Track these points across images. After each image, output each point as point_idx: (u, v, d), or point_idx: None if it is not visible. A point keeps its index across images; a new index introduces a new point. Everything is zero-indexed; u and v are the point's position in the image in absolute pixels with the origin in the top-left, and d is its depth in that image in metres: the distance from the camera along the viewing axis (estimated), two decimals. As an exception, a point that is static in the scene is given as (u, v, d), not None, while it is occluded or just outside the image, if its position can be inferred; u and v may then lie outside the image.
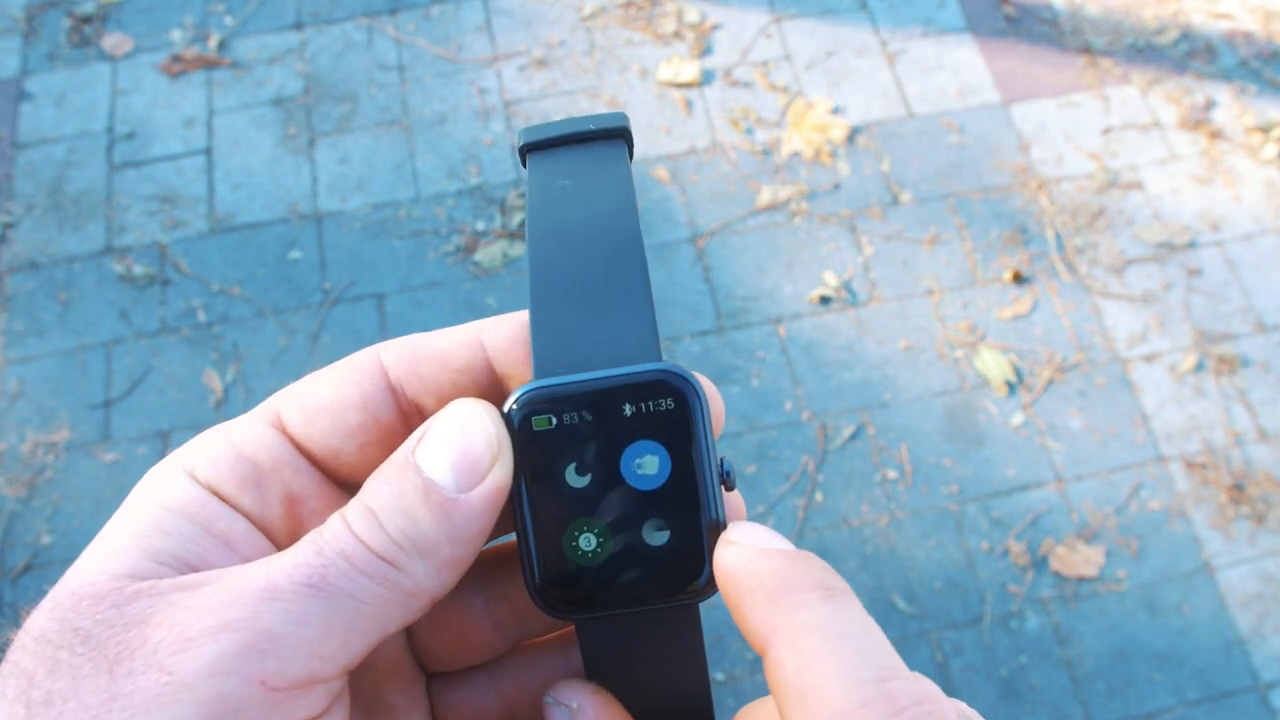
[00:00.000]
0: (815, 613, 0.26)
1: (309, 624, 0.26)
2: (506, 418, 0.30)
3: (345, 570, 0.27)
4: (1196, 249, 2.12)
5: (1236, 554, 1.83)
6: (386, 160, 2.22)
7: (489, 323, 0.32)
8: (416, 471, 0.28)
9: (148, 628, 0.26)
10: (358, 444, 0.31)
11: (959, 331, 2.03)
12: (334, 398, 0.31)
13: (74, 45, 2.38)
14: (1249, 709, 1.71)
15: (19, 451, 1.93)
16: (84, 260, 2.12)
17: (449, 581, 0.29)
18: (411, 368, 0.32)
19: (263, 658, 0.25)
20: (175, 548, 0.28)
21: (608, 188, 0.33)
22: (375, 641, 0.28)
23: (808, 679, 0.25)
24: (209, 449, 0.30)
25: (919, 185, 2.19)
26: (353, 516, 0.28)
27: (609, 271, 0.31)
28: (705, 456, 0.30)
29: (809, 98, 2.30)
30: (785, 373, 1.98)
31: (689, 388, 0.30)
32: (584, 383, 0.30)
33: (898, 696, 0.24)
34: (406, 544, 0.27)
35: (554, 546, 0.30)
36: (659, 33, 2.39)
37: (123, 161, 2.23)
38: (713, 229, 2.13)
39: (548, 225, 0.32)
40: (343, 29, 2.40)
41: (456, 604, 0.34)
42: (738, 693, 1.72)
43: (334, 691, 0.27)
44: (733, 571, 0.28)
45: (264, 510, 0.30)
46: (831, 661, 0.25)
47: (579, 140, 0.34)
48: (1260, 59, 2.37)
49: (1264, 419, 1.95)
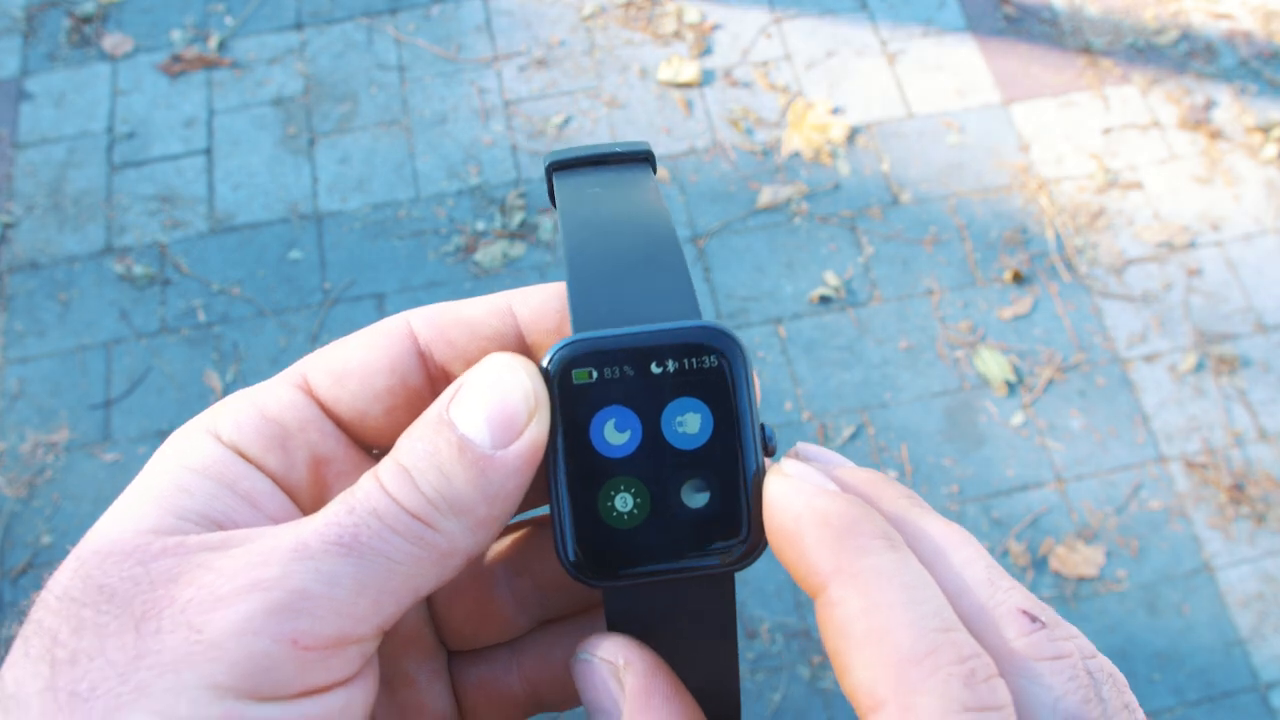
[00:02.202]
0: (881, 559, 0.26)
1: (341, 584, 0.25)
2: (544, 371, 0.29)
3: (378, 529, 0.26)
4: (1196, 249, 2.12)
5: (1236, 554, 1.83)
6: (386, 160, 2.22)
7: (520, 292, 0.32)
8: (451, 428, 0.27)
9: (176, 586, 0.25)
10: (385, 407, 0.31)
11: (959, 331, 2.03)
12: (362, 361, 0.31)
13: (74, 45, 2.38)
14: (1249, 709, 1.71)
15: (19, 451, 1.93)
16: (84, 260, 2.12)
17: (484, 541, 0.28)
18: (441, 333, 0.31)
19: (294, 617, 0.25)
20: (200, 505, 0.28)
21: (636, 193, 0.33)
22: (409, 603, 0.27)
23: (875, 621, 0.25)
24: (233, 411, 0.30)
25: (919, 185, 2.19)
26: (385, 475, 0.27)
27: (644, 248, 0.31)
28: (748, 417, 0.29)
29: (809, 98, 2.30)
30: (785, 372, 1.98)
31: (734, 346, 0.29)
32: (627, 336, 0.29)
33: (963, 646, 0.24)
34: (441, 502, 0.27)
35: (588, 507, 0.29)
36: (659, 33, 2.39)
37: (123, 161, 2.23)
38: (713, 229, 2.13)
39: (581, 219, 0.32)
40: (343, 29, 2.40)
41: (480, 579, 0.34)
42: (738, 693, 1.72)
43: (367, 654, 0.27)
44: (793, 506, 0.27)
45: (289, 472, 0.30)
46: (900, 608, 0.25)
47: (604, 161, 0.34)
48: (1260, 59, 2.37)
49: (1264, 419, 1.95)
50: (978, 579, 0.27)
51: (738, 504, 0.29)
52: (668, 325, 0.29)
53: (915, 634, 0.24)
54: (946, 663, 0.24)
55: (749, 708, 1.71)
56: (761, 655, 1.74)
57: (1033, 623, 0.26)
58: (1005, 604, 0.26)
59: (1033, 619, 0.26)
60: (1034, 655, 0.26)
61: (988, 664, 0.24)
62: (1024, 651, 0.26)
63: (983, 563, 0.27)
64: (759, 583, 1.79)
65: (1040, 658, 0.26)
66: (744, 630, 1.76)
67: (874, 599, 0.25)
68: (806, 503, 0.27)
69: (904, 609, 0.25)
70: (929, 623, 0.25)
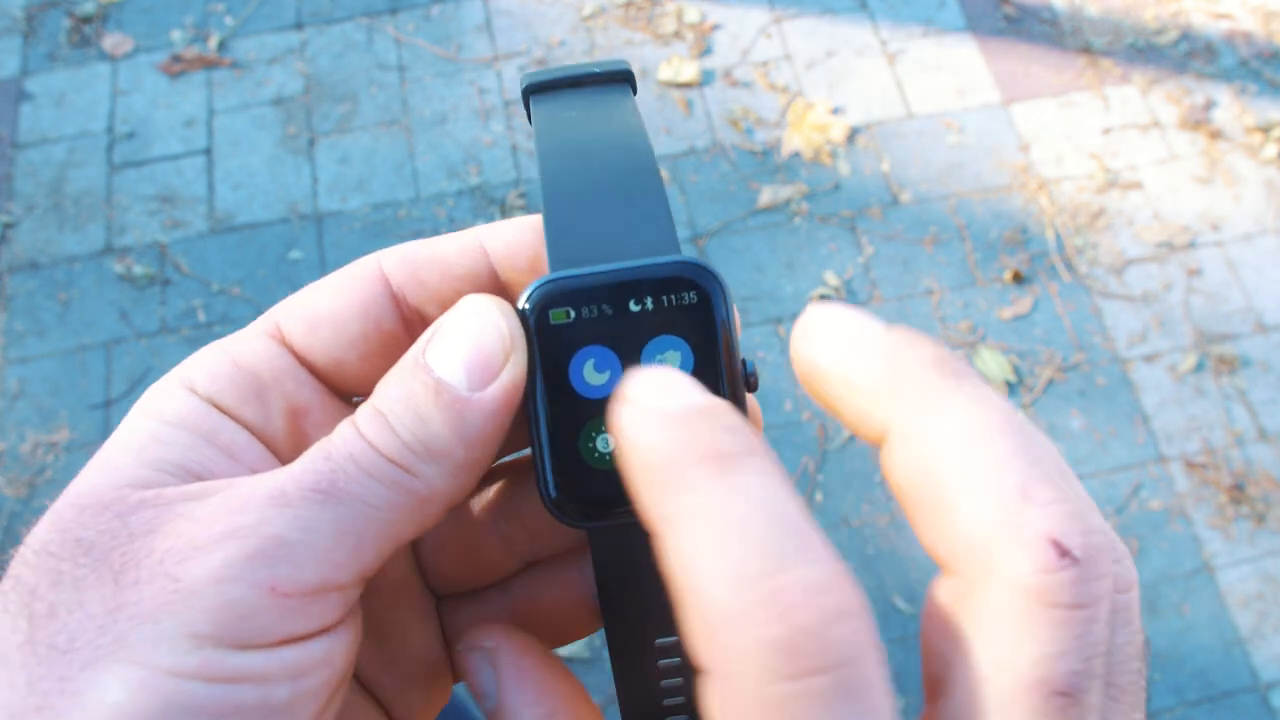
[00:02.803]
0: (698, 496, 0.22)
1: (319, 530, 0.25)
2: (521, 313, 0.28)
3: (355, 475, 0.26)
4: (1196, 249, 2.12)
5: (1236, 554, 1.83)
6: (386, 160, 2.23)
7: (493, 227, 0.31)
8: (427, 371, 0.27)
9: (154, 537, 0.25)
10: (360, 354, 0.30)
11: (959, 331, 2.03)
12: (334, 307, 0.30)
13: (74, 45, 2.38)
14: (1249, 709, 1.71)
15: (19, 451, 1.93)
16: (84, 260, 2.12)
17: (464, 485, 0.28)
18: (413, 274, 0.31)
19: (272, 564, 0.24)
20: (177, 457, 0.27)
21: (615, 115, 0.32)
22: (390, 549, 0.27)
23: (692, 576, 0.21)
24: (208, 363, 0.29)
25: (919, 185, 2.19)
26: (362, 420, 0.27)
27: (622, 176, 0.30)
28: (729, 353, 0.29)
29: (809, 98, 2.30)
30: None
31: (712, 281, 0.29)
32: (604, 274, 0.28)
33: (789, 593, 0.20)
34: (418, 446, 0.27)
35: (569, 449, 0.29)
36: (659, 33, 2.39)
37: (123, 161, 2.23)
38: (713, 229, 2.13)
39: (557, 144, 0.31)
40: (343, 29, 2.40)
41: (466, 522, 0.33)
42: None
43: (349, 601, 0.26)
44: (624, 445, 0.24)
45: (266, 423, 0.29)
46: (712, 555, 0.21)
47: (582, 82, 0.34)
48: (1260, 59, 2.37)
49: (1264, 419, 1.95)
50: (1005, 487, 0.22)
51: None
52: (645, 262, 0.29)
53: (729, 587, 0.20)
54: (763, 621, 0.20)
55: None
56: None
57: (1061, 558, 0.21)
58: (1032, 526, 0.22)
59: (1063, 552, 0.21)
60: (1042, 599, 0.21)
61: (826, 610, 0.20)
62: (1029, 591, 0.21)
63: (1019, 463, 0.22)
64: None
65: (1050, 603, 0.21)
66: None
67: (687, 549, 0.22)
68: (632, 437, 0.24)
69: (720, 556, 0.21)
70: (750, 569, 0.21)
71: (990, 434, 0.23)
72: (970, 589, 0.23)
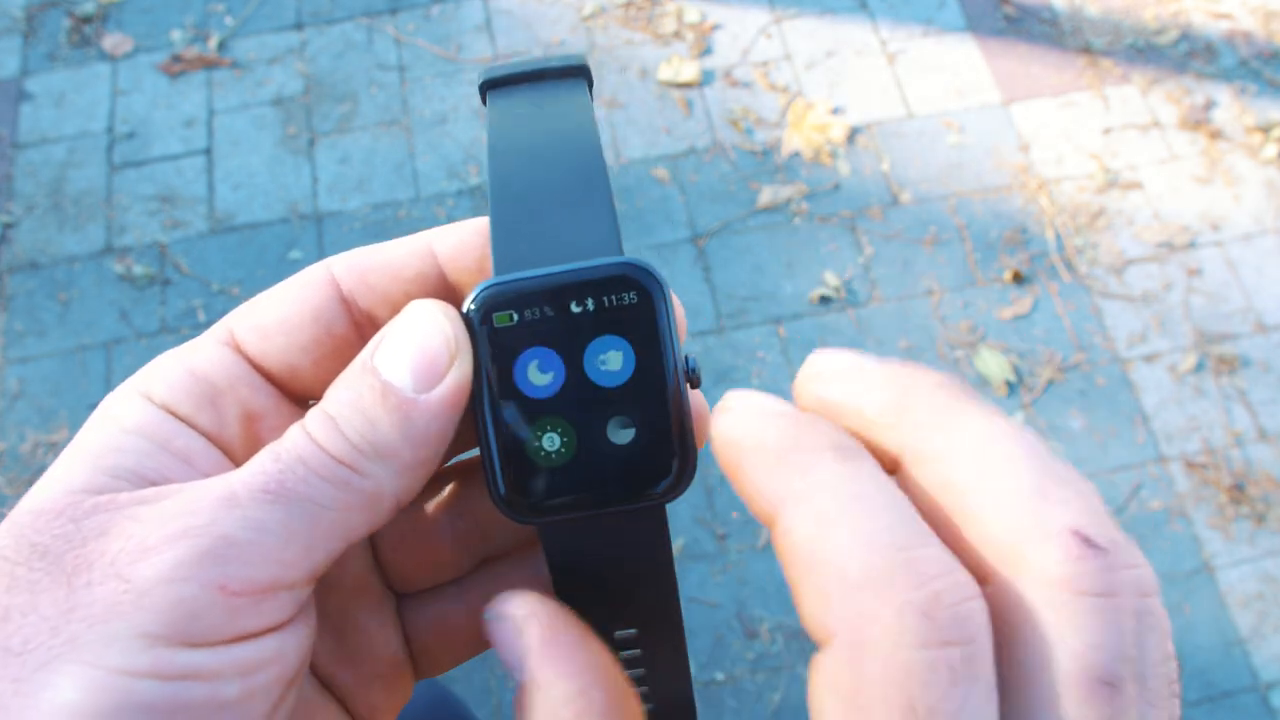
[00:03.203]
0: (827, 473, 0.23)
1: (269, 530, 0.26)
2: (466, 316, 0.29)
3: (303, 475, 0.27)
4: (1196, 249, 2.12)
5: (1236, 554, 1.83)
6: (386, 160, 2.23)
7: (440, 230, 0.32)
8: (375, 374, 0.28)
9: (106, 539, 0.25)
10: (312, 359, 0.31)
11: (959, 331, 2.03)
12: (286, 314, 0.31)
13: (74, 45, 2.38)
14: (1249, 709, 1.71)
15: (19, 451, 1.93)
16: (84, 260, 2.12)
17: (412, 485, 0.28)
18: (362, 279, 0.31)
19: (222, 563, 0.25)
20: (132, 463, 0.28)
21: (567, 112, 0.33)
22: (340, 548, 0.27)
23: (821, 545, 0.22)
24: (164, 371, 0.30)
25: (919, 185, 2.19)
26: (311, 423, 0.28)
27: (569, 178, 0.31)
28: (670, 352, 0.29)
29: (809, 98, 2.30)
30: (785, 373, 1.98)
31: (652, 281, 0.29)
32: (545, 277, 0.29)
33: (924, 565, 0.21)
34: (365, 447, 0.27)
35: (516, 447, 0.29)
36: (659, 33, 2.39)
37: (123, 161, 2.23)
38: (713, 229, 2.13)
39: (507, 145, 0.32)
40: (343, 29, 2.40)
41: (421, 522, 0.34)
42: (739, 693, 1.72)
43: (300, 599, 0.27)
44: (732, 434, 0.26)
45: (222, 429, 0.30)
46: (848, 525, 0.22)
47: (539, 77, 0.34)
48: (1260, 59, 2.37)
49: (1264, 419, 1.95)
50: (1022, 488, 0.23)
51: (662, 438, 0.29)
52: (585, 264, 0.29)
53: (865, 555, 0.21)
54: (902, 588, 0.21)
55: (749, 708, 1.71)
56: (761, 655, 1.74)
57: (1085, 546, 0.22)
58: (1053, 520, 0.22)
59: (1087, 542, 0.22)
60: (1072, 588, 0.22)
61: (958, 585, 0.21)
62: (1065, 581, 0.22)
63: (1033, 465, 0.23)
64: (759, 582, 1.79)
65: (1080, 591, 0.22)
66: (744, 630, 1.76)
67: (819, 519, 0.23)
68: (746, 429, 0.26)
69: (852, 526, 0.22)
70: (882, 539, 0.22)
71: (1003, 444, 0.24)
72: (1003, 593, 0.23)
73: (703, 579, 1.80)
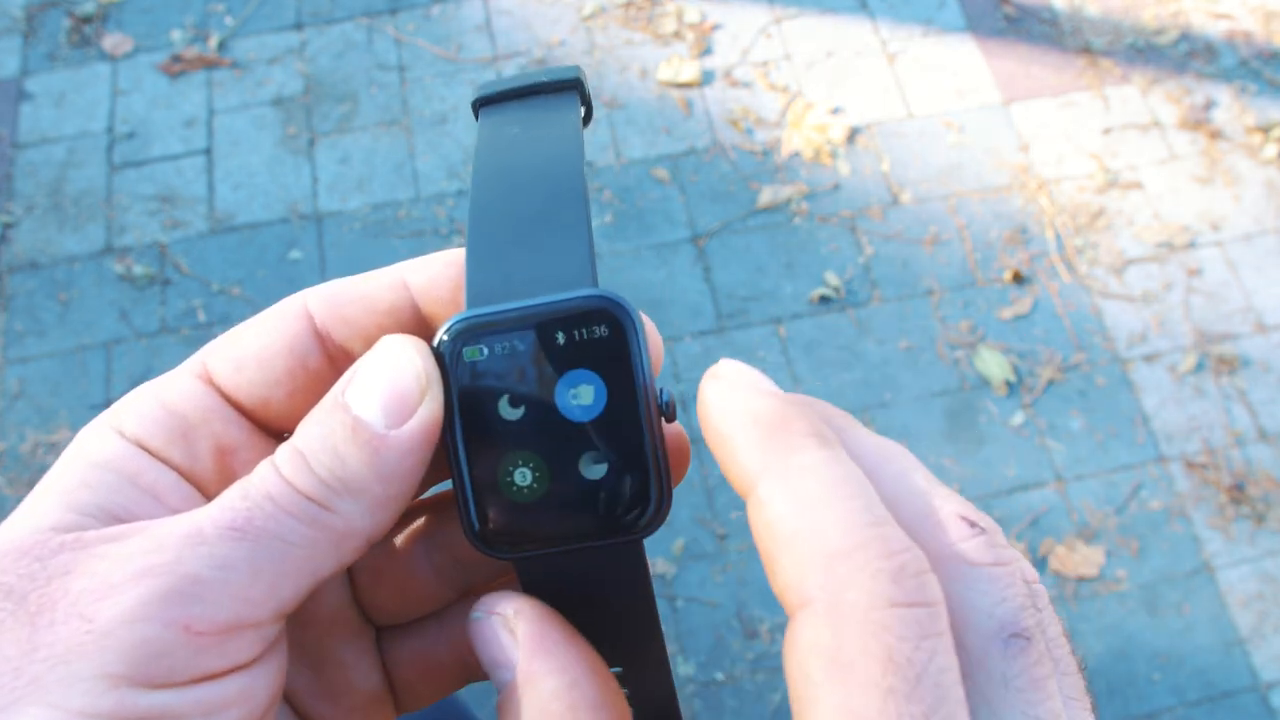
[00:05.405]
0: (811, 457, 0.25)
1: (235, 568, 0.25)
2: (437, 351, 0.29)
3: (272, 512, 0.26)
4: (1196, 249, 2.12)
5: (1236, 554, 1.83)
6: (386, 160, 2.23)
7: (413, 263, 0.32)
8: (345, 410, 0.28)
9: (70, 578, 0.25)
10: (286, 392, 0.31)
11: (959, 331, 2.03)
12: (260, 346, 0.31)
13: (74, 45, 2.38)
14: (1249, 709, 1.71)
15: (19, 451, 1.93)
16: (84, 260, 2.12)
17: (383, 522, 0.28)
18: (336, 312, 0.31)
19: (186, 602, 0.25)
20: (101, 500, 0.28)
21: (554, 134, 0.33)
22: (308, 585, 0.27)
23: (802, 518, 0.24)
24: (136, 405, 0.30)
25: (919, 185, 2.19)
26: (281, 459, 0.27)
27: (547, 208, 0.30)
28: (642, 386, 0.29)
29: (809, 98, 2.30)
30: (785, 373, 1.98)
31: (624, 314, 0.29)
32: (516, 311, 0.29)
33: (893, 540, 0.24)
34: (335, 483, 0.27)
35: (489, 482, 0.29)
36: (659, 33, 2.39)
37: (123, 161, 2.23)
38: (713, 229, 2.13)
39: (491, 169, 0.32)
40: (343, 29, 2.40)
41: (398, 555, 0.34)
42: (739, 693, 1.72)
43: (267, 638, 0.27)
44: (723, 406, 0.27)
45: (194, 463, 0.30)
46: (828, 503, 0.24)
47: (531, 93, 0.34)
48: (1260, 59, 2.37)
49: (1264, 419, 1.95)
50: (916, 486, 0.27)
51: (635, 473, 0.29)
52: (557, 298, 0.29)
53: (843, 529, 0.24)
54: (875, 557, 0.23)
55: (749, 708, 1.71)
56: (761, 655, 1.74)
57: (972, 528, 0.26)
58: (945, 509, 0.26)
59: (972, 524, 0.26)
60: (974, 559, 0.25)
61: (919, 558, 0.24)
62: (965, 555, 0.26)
63: (920, 472, 0.27)
64: (759, 583, 1.79)
65: (980, 562, 0.25)
66: (744, 630, 1.76)
67: (801, 496, 0.25)
68: (738, 402, 0.27)
69: (832, 504, 0.24)
70: (858, 517, 0.24)
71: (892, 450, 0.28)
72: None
73: (703, 579, 1.80)
